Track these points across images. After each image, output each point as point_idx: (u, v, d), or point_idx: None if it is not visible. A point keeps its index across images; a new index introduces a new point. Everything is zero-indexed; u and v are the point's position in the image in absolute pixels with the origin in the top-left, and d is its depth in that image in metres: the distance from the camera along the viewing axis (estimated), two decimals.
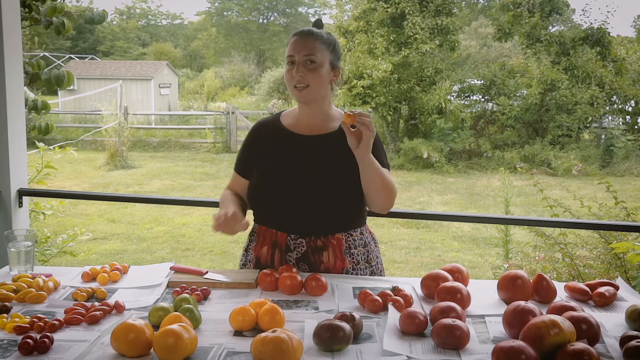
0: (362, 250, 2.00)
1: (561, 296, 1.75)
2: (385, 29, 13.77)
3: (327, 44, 1.98)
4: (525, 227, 5.27)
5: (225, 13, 41.07)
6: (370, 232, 2.09)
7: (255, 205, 2.05)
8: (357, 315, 1.49)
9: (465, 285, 1.73)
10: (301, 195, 1.94)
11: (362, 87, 13.25)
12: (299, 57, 1.93)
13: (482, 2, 35.08)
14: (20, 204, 2.97)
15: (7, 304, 1.62)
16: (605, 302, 1.70)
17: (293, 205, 1.95)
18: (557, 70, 13.45)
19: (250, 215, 2.09)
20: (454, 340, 1.40)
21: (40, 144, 4.05)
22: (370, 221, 2.14)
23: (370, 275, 2.00)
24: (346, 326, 1.40)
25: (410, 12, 13.56)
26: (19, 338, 1.42)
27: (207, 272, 1.89)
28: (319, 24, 2.06)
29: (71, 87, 18.77)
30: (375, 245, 2.09)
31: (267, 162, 2.02)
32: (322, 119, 2.03)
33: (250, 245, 2.08)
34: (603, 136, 13.76)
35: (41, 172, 4.02)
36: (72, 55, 28.24)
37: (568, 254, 4.21)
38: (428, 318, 1.52)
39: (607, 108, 13.64)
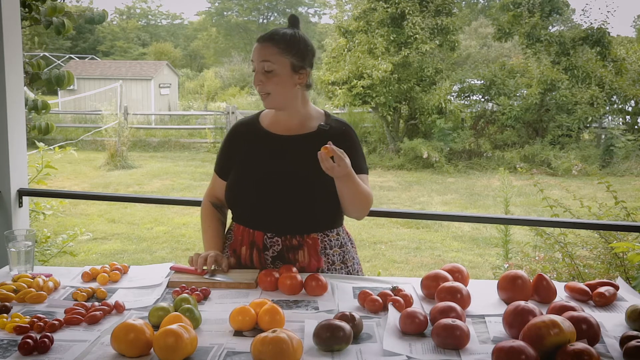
0: (337, 251, 2.01)
1: (561, 296, 1.75)
2: (385, 29, 13.77)
3: (286, 49, 1.91)
4: (525, 227, 5.27)
5: (225, 13, 41.07)
6: (347, 233, 2.09)
7: (232, 205, 2.05)
8: (357, 315, 1.49)
9: (465, 285, 1.73)
10: (276, 194, 1.95)
11: (362, 87, 13.25)
12: (258, 64, 1.92)
13: (482, 2, 35.08)
14: (20, 204, 2.97)
15: (7, 304, 1.62)
16: (605, 302, 1.70)
17: (268, 204, 1.95)
18: (557, 70, 13.45)
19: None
20: (454, 340, 1.40)
21: (40, 144, 4.05)
22: (371, 221, 2.15)
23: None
24: (346, 326, 1.40)
25: (410, 12, 13.57)
26: (19, 338, 1.42)
27: (206, 272, 1.89)
28: (292, 20, 2.02)
29: (71, 87, 18.78)
30: (352, 246, 2.09)
31: (244, 162, 2.03)
32: (299, 120, 2.02)
33: (227, 243, 2.08)
34: (603, 136, 13.76)
35: (41, 172, 4.02)
36: (72, 55, 28.24)
37: (568, 253, 4.21)
38: (428, 318, 1.52)
39: (607, 108, 13.63)
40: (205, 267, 1.91)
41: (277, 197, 1.94)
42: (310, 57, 1.99)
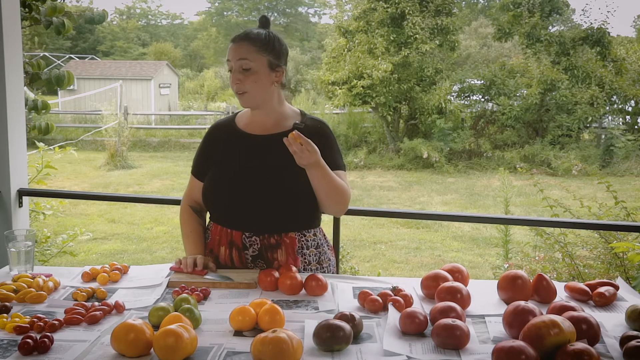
0: (314, 252, 2.02)
1: (561, 296, 1.75)
2: (385, 29, 13.78)
3: (262, 47, 1.93)
4: (525, 227, 5.27)
5: (225, 13, 41.09)
6: (324, 235, 2.10)
7: (210, 205, 2.06)
8: (357, 315, 1.49)
9: (465, 285, 1.73)
10: (253, 193, 1.95)
11: (362, 87, 13.26)
12: (235, 63, 1.93)
13: (482, 2, 35.07)
14: (20, 204, 2.97)
15: (7, 304, 1.62)
16: (605, 302, 1.69)
17: (246, 204, 1.96)
18: (557, 70, 13.45)
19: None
20: (454, 340, 1.40)
21: (40, 144, 4.05)
22: (371, 221, 2.15)
23: None
24: (346, 326, 1.40)
25: (410, 12, 13.57)
26: (19, 338, 1.42)
27: (207, 273, 1.89)
28: (263, 21, 2.03)
29: (71, 87, 18.78)
30: (328, 248, 2.10)
31: (220, 163, 2.03)
32: (275, 119, 2.02)
33: (204, 242, 2.08)
34: (603, 136, 13.77)
35: (41, 172, 4.02)
36: (72, 55, 28.25)
37: (568, 253, 4.21)
38: (428, 318, 1.52)
39: (607, 108, 13.64)
40: (205, 270, 1.91)
41: (254, 197, 1.95)
42: (285, 55, 2.01)
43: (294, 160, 1.85)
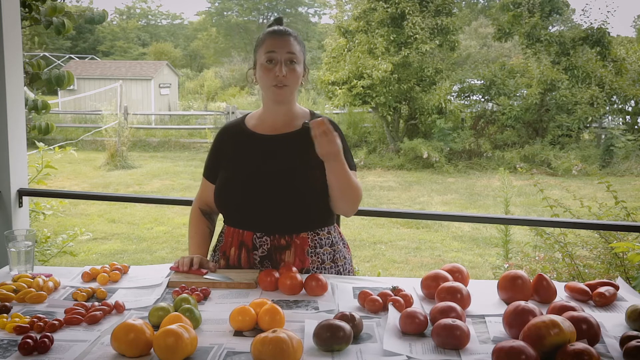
0: (328, 250, 2.00)
1: (561, 296, 1.75)
2: (385, 29, 13.77)
3: (302, 46, 1.99)
4: (525, 227, 5.28)
5: (225, 13, 41.07)
6: (339, 233, 2.09)
7: (221, 207, 2.06)
8: (357, 315, 1.49)
9: (465, 285, 1.73)
10: (264, 193, 1.95)
11: (362, 87, 13.25)
12: (282, 55, 1.92)
13: (482, 2, 35.06)
14: (20, 204, 2.97)
15: (7, 304, 1.62)
16: (605, 302, 1.70)
17: (257, 204, 1.95)
18: (557, 70, 13.44)
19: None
20: (454, 340, 1.40)
21: (40, 144, 4.05)
22: (371, 221, 2.15)
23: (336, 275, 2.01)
24: (346, 326, 1.40)
25: (410, 12, 13.57)
26: (19, 338, 1.42)
27: (207, 272, 1.89)
28: (280, 22, 2.05)
29: (71, 87, 18.78)
30: (344, 246, 2.09)
31: (231, 164, 2.03)
32: (287, 118, 2.03)
33: (217, 246, 2.09)
34: (603, 136, 13.76)
35: (41, 172, 4.02)
36: (72, 55, 28.25)
37: (568, 253, 4.21)
38: (428, 318, 1.52)
39: (607, 108, 13.63)
40: (205, 269, 1.92)
41: (265, 196, 1.94)
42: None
43: (305, 159, 1.85)
